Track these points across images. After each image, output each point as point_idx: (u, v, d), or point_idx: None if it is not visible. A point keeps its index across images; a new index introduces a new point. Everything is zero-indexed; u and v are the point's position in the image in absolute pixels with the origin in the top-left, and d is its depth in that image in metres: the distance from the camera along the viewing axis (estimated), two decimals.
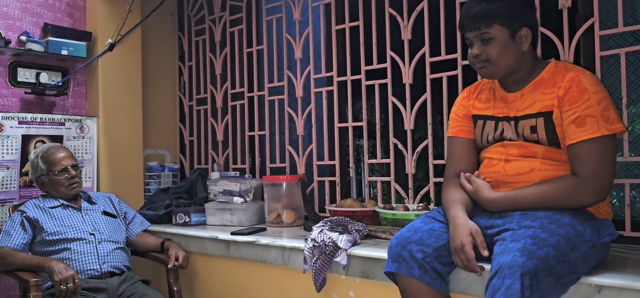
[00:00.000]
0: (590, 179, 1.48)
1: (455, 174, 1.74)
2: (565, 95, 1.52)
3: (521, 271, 1.30)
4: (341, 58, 2.87)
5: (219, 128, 3.41)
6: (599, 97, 1.49)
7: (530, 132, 1.59)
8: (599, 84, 1.53)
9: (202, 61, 3.53)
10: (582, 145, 1.49)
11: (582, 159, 1.49)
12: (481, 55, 1.60)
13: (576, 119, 1.50)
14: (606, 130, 1.47)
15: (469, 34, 1.62)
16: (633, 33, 2.08)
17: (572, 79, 1.53)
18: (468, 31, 1.61)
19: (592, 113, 1.48)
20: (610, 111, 1.49)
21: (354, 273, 1.97)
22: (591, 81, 1.52)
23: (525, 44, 1.59)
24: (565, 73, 1.56)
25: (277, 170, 3.13)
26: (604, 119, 1.48)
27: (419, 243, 1.58)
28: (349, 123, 2.81)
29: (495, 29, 1.56)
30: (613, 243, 1.74)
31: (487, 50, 1.59)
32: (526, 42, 1.59)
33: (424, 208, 2.27)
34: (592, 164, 1.48)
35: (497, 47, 1.57)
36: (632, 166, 2.13)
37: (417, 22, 2.55)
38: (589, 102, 1.49)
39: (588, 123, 1.48)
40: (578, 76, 1.53)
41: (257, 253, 2.31)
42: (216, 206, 2.81)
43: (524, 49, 1.59)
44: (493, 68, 1.60)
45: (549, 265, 1.34)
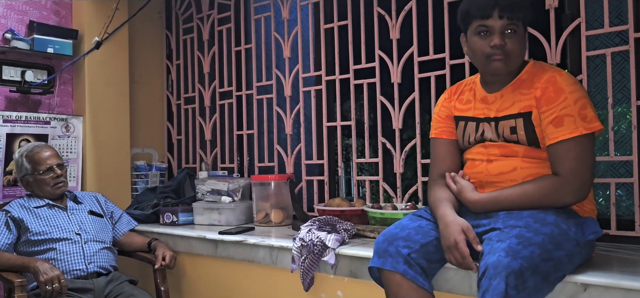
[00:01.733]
0: (570, 179, 1.49)
1: (440, 175, 1.75)
2: (543, 96, 1.54)
3: (506, 271, 1.31)
4: (330, 57, 2.86)
5: (207, 127, 3.39)
6: (576, 96, 1.51)
7: (510, 133, 1.60)
8: (576, 84, 1.54)
9: (190, 59, 3.50)
10: (561, 145, 1.50)
11: (562, 159, 1.50)
12: (506, 45, 1.54)
13: (554, 120, 1.51)
14: (584, 129, 1.48)
15: (494, 22, 1.54)
16: (619, 33, 2.10)
17: (548, 80, 1.54)
18: (498, 18, 1.53)
19: (569, 113, 1.49)
20: (587, 110, 1.50)
21: (342, 273, 1.97)
22: (567, 81, 1.53)
23: (526, 43, 1.63)
24: (542, 74, 1.57)
25: (265, 169, 3.12)
26: (581, 118, 1.49)
27: (406, 240, 1.58)
28: (337, 122, 2.81)
29: (520, 23, 1.57)
30: (599, 241, 1.75)
31: (509, 43, 1.55)
32: (526, 41, 1.62)
33: (412, 207, 2.27)
34: (571, 163, 1.49)
35: (519, 42, 1.57)
36: (618, 165, 2.15)
37: (406, 21, 2.56)
38: (566, 102, 1.50)
39: (566, 122, 1.49)
40: (554, 76, 1.54)
41: (245, 252, 2.29)
42: (204, 206, 2.80)
43: (526, 49, 1.62)
44: (512, 63, 1.58)
45: (534, 264, 1.35)
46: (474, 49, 1.61)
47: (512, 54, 1.56)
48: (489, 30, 1.56)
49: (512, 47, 1.55)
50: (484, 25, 1.56)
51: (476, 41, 1.59)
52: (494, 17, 1.54)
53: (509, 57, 1.56)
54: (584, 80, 2.06)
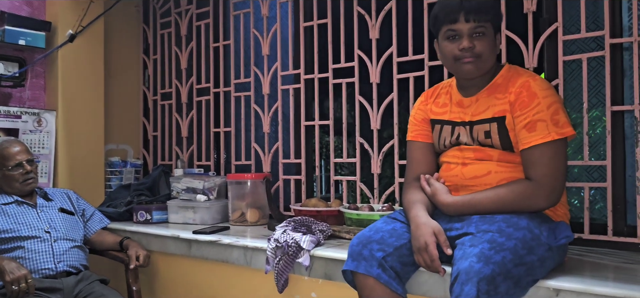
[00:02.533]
0: (543, 183, 1.49)
1: (415, 177, 1.75)
2: (516, 100, 1.54)
3: (478, 277, 1.30)
4: (309, 56, 2.84)
5: (184, 123, 3.34)
6: (549, 101, 1.51)
7: (484, 137, 1.60)
8: (549, 89, 1.54)
9: (167, 54, 3.44)
10: (534, 150, 1.50)
11: (534, 163, 1.51)
12: (474, 48, 1.56)
13: (527, 124, 1.51)
14: (556, 134, 1.49)
15: (461, 25, 1.56)
16: (595, 39, 2.11)
17: (522, 85, 1.54)
18: (463, 21, 1.55)
19: (542, 118, 1.50)
20: (560, 115, 1.51)
21: (317, 275, 1.95)
22: (541, 86, 1.53)
23: (499, 46, 1.63)
24: (516, 78, 1.58)
25: (242, 168, 3.09)
26: (553, 123, 1.49)
27: (380, 243, 1.57)
28: (315, 121, 2.78)
29: (488, 25, 1.57)
30: (572, 245, 1.77)
31: (478, 45, 1.56)
32: (499, 45, 1.63)
33: (389, 209, 2.26)
34: (543, 168, 1.49)
35: (489, 44, 1.57)
36: (592, 169, 2.17)
37: (385, 21, 2.54)
38: (539, 107, 1.50)
39: (538, 127, 1.50)
40: (528, 81, 1.54)
41: (219, 252, 2.26)
42: (179, 204, 2.75)
43: (497, 51, 1.63)
44: (482, 66, 1.58)
45: (506, 269, 1.34)
46: (445, 54, 1.62)
47: (481, 56, 1.56)
48: (458, 34, 1.57)
49: (481, 49, 1.56)
50: (452, 30, 1.57)
51: (446, 45, 1.60)
52: (461, 21, 1.55)
53: (478, 59, 1.57)
54: (560, 84, 2.07)
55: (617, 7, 2.03)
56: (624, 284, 1.42)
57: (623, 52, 2.03)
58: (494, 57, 1.61)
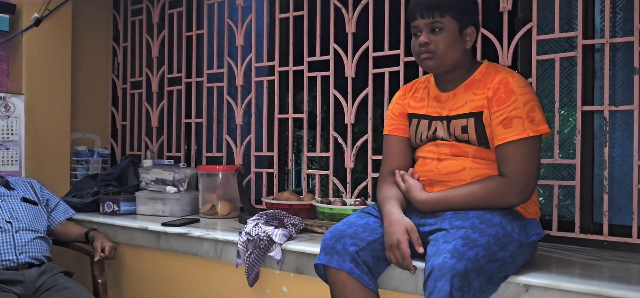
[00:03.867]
0: (515, 180, 1.50)
1: (390, 172, 1.74)
2: (494, 96, 1.55)
3: (451, 273, 1.30)
4: (284, 48, 2.80)
5: (154, 113, 3.26)
6: (526, 99, 1.52)
7: (461, 132, 1.61)
8: (527, 86, 1.55)
9: (138, 42, 3.36)
10: (509, 146, 1.51)
11: (508, 159, 1.52)
12: (429, 44, 1.58)
13: (503, 120, 1.52)
14: (531, 131, 1.50)
15: (418, 21, 1.59)
16: (568, 39, 2.14)
17: (500, 81, 1.55)
18: (420, 17, 1.58)
19: (518, 114, 1.51)
20: (535, 113, 1.52)
21: (288, 268, 1.93)
22: (519, 83, 1.54)
23: (469, 42, 1.61)
24: (495, 75, 1.58)
25: (213, 160, 3.04)
26: (529, 121, 1.51)
27: (353, 237, 1.56)
28: (289, 114, 2.75)
29: (447, 19, 1.56)
30: (541, 242, 1.78)
31: (435, 40, 1.57)
32: (470, 41, 1.61)
33: (361, 203, 2.26)
34: (517, 165, 1.50)
35: (446, 39, 1.57)
36: (561, 167, 2.20)
37: (362, 15, 2.53)
38: (516, 103, 1.51)
39: (514, 124, 1.51)
40: (506, 77, 1.55)
41: (189, 245, 2.22)
42: (147, 195, 2.69)
43: (467, 46, 1.61)
44: (439, 61, 1.59)
45: (479, 265, 1.35)
46: (412, 50, 1.65)
47: (437, 51, 1.57)
48: (418, 30, 1.60)
49: (437, 44, 1.57)
50: (414, 27, 1.61)
51: (412, 42, 1.64)
52: (418, 18, 1.58)
53: (435, 55, 1.58)
54: (533, 83, 2.10)
55: (590, 9, 2.06)
56: (590, 280, 1.45)
57: (594, 54, 2.07)
58: (455, 52, 1.59)
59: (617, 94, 2.14)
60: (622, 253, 1.87)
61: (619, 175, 2.12)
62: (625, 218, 2.02)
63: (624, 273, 1.57)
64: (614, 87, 2.12)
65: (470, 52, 1.65)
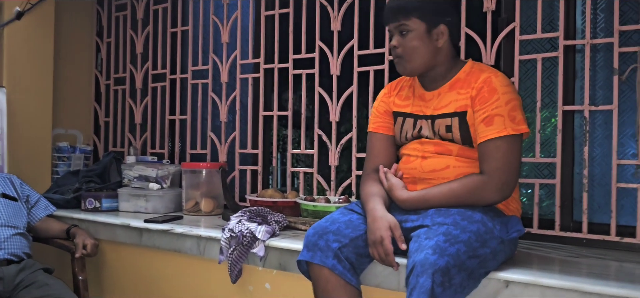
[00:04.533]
0: (494, 177, 1.52)
1: (374, 169, 1.75)
2: (477, 95, 1.56)
3: (433, 269, 1.31)
4: (269, 45, 2.80)
5: (138, 110, 3.24)
6: (508, 98, 1.54)
7: (445, 131, 1.62)
8: (510, 86, 1.57)
9: (122, 38, 3.33)
10: (490, 143, 1.53)
11: (489, 157, 1.53)
12: (398, 48, 1.62)
13: (485, 119, 1.54)
14: (512, 130, 1.52)
15: (389, 25, 1.64)
16: (550, 40, 2.17)
17: (484, 80, 1.56)
18: (389, 22, 1.64)
19: (500, 113, 1.52)
20: (517, 112, 1.54)
21: (271, 265, 1.92)
22: (502, 82, 1.56)
23: (441, 40, 1.61)
24: (479, 74, 1.59)
25: (197, 157, 3.02)
26: (510, 119, 1.52)
27: (336, 234, 1.56)
28: (274, 111, 2.75)
29: (413, 21, 1.59)
30: (522, 239, 1.81)
31: (404, 42, 1.61)
32: (442, 39, 1.61)
33: (345, 201, 2.26)
34: (496, 162, 1.52)
35: (412, 41, 1.60)
36: (542, 166, 2.23)
37: (348, 14, 2.54)
38: (498, 102, 1.53)
39: (495, 122, 1.52)
40: (490, 77, 1.57)
41: (172, 242, 2.20)
42: (130, 192, 2.67)
43: (439, 45, 1.62)
44: (409, 63, 1.63)
45: (460, 261, 1.36)
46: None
47: (404, 54, 1.62)
48: (391, 35, 1.66)
49: (405, 47, 1.61)
50: (389, 31, 1.66)
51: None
52: (388, 22, 1.64)
53: (402, 58, 1.63)
54: (516, 83, 2.12)
55: (572, 10, 2.09)
56: (568, 276, 1.47)
57: (576, 54, 2.09)
58: (425, 53, 1.60)
59: (598, 94, 2.17)
60: (601, 251, 1.90)
61: (598, 174, 2.15)
62: (604, 216, 2.05)
63: (602, 270, 1.59)
64: (594, 88, 2.15)
65: (447, 51, 1.64)
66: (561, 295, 1.40)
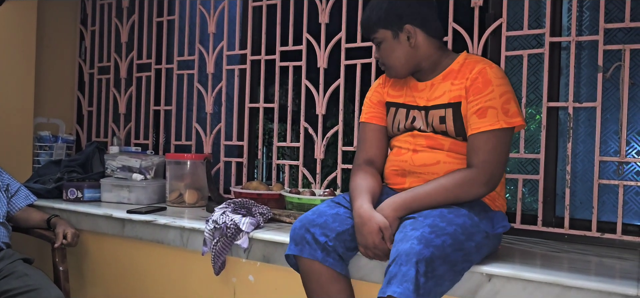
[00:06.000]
0: (482, 169, 1.51)
1: (365, 160, 1.73)
2: (472, 86, 1.56)
3: (417, 258, 1.30)
4: (256, 36, 2.78)
5: (122, 99, 3.20)
6: (502, 90, 1.53)
7: (439, 122, 1.61)
8: (504, 78, 1.57)
9: (107, 26, 3.29)
10: (481, 136, 1.52)
11: (478, 149, 1.53)
12: (379, 59, 1.70)
13: (478, 110, 1.53)
14: (505, 123, 1.52)
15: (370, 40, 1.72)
16: (536, 36, 2.18)
17: (479, 71, 1.56)
18: (365, 38, 1.72)
19: (493, 105, 1.52)
20: (510, 105, 1.53)
21: (255, 257, 1.91)
22: (496, 74, 1.56)
23: (413, 40, 1.63)
24: (474, 65, 1.59)
25: (182, 148, 2.99)
26: (503, 112, 1.52)
27: (323, 227, 1.55)
28: (260, 103, 2.73)
29: (379, 33, 1.65)
30: (505, 234, 1.82)
31: (380, 53, 1.69)
32: (414, 39, 1.62)
33: (330, 194, 2.25)
34: (485, 155, 1.51)
35: (386, 49, 1.66)
36: (526, 162, 2.25)
37: (335, 6, 2.52)
38: (492, 94, 1.53)
39: (489, 114, 1.52)
40: (485, 68, 1.56)
41: (155, 233, 2.18)
42: (113, 183, 2.63)
43: (412, 45, 1.63)
44: (391, 70, 1.69)
45: (445, 253, 1.36)
46: None
47: (385, 62, 1.68)
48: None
49: (383, 57, 1.68)
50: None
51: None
52: (365, 39, 1.76)
53: (385, 66, 1.70)
54: None
55: (558, 7, 2.10)
56: (549, 270, 1.48)
57: (561, 51, 2.11)
58: (401, 56, 1.64)
59: (582, 91, 2.19)
60: (582, 246, 1.92)
61: (581, 170, 2.17)
62: (586, 212, 2.07)
63: (582, 265, 1.61)
64: (578, 85, 2.17)
65: (427, 47, 1.64)
66: (542, 289, 1.41)
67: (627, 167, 2.06)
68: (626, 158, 1.94)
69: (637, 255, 1.80)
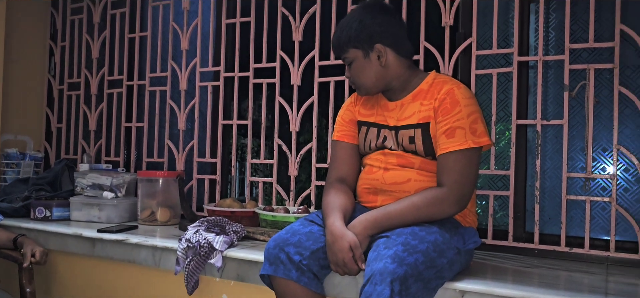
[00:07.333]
0: (453, 189, 1.53)
1: (337, 178, 1.74)
2: (440, 106, 1.59)
3: (391, 277, 1.31)
4: (230, 53, 2.78)
5: (92, 116, 3.15)
6: (470, 110, 1.57)
7: (408, 142, 1.63)
8: (472, 98, 1.60)
9: (77, 42, 3.24)
10: (450, 156, 1.55)
11: (448, 169, 1.55)
12: (350, 77, 1.72)
13: (447, 130, 1.56)
14: (472, 142, 1.54)
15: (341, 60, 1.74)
16: (504, 56, 2.24)
17: (447, 92, 1.59)
18: (336, 57, 1.73)
19: (461, 125, 1.55)
20: (478, 124, 1.57)
21: (229, 276, 1.89)
22: (464, 94, 1.59)
23: (384, 59, 1.65)
24: (442, 85, 1.62)
25: (154, 165, 2.95)
26: (471, 132, 1.55)
27: (297, 246, 1.55)
28: (234, 120, 2.73)
29: (350, 52, 1.67)
30: (477, 249, 1.84)
31: (351, 72, 1.70)
32: (384, 58, 1.65)
33: (304, 211, 2.25)
34: (455, 175, 1.54)
35: (356, 68, 1.68)
36: (496, 178, 2.29)
37: (309, 24, 2.54)
38: (460, 114, 1.56)
39: (457, 134, 1.55)
40: (453, 88, 1.59)
41: (126, 252, 2.14)
42: (83, 201, 2.58)
43: (383, 64, 1.65)
44: (363, 89, 1.71)
45: (418, 271, 1.37)
46: None
47: (355, 81, 1.71)
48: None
49: (353, 76, 1.70)
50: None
51: None
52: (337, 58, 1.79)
53: (356, 85, 1.72)
54: None
55: (526, 27, 2.16)
56: (521, 286, 1.50)
57: (529, 70, 2.17)
58: (372, 75, 1.66)
59: (549, 109, 2.25)
60: (552, 261, 1.96)
61: (549, 187, 2.22)
62: (555, 227, 2.12)
63: (552, 280, 1.64)
64: (546, 103, 2.23)
65: (397, 66, 1.66)
66: None
67: (594, 183, 2.12)
68: (592, 174, 2.00)
69: (603, 268, 1.85)
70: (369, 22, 1.63)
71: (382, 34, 1.64)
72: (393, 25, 1.67)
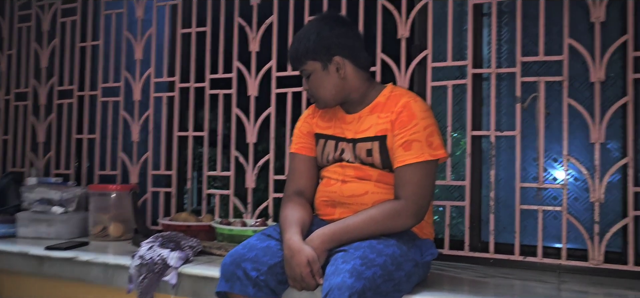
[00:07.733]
0: (411, 201, 1.54)
1: (295, 191, 1.73)
2: (397, 120, 1.59)
3: (349, 292, 1.31)
4: (185, 63, 2.72)
5: (41, 127, 3.03)
6: (426, 123, 1.58)
7: (366, 155, 1.63)
8: (428, 111, 1.62)
9: (25, 51, 3.12)
10: (407, 168, 1.56)
11: (405, 182, 1.56)
12: (308, 90, 1.70)
13: (404, 143, 1.57)
14: (429, 155, 1.56)
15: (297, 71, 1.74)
16: (459, 68, 2.28)
17: (404, 105, 1.60)
18: (294, 69, 1.74)
19: (418, 138, 1.56)
20: (434, 137, 1.58)
21: (184, 293, 1.84)
22: (421, 107, 1.60)
23: (342, 71, 1.65)
24: (399, 98, 1.63)
25: (107, 178, 2.86)
26: (428, 145, 1.56)
27: (254, 261, 1.52)
28: (189, 132, 2.67)
29: (308, 64, 1.66)
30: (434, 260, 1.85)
31: (309, 85, 1.69)
32: (343, 70, 1.65)
33: (262, 224, 2.22)
34: (413, 187, 1.55)
35: (315, 80, 1.67)
36: (453, 189, 2.32)
37: (266, 35, 2.52)
38: (417, 127, 1.57)
39: (413, 147, 1.56)
40: (409, 102, 1.61)
41: (76, 271, 2.05)
42: (30, 217, 2.47)
43: (342, 76, 1.65)
44: (321, 101, 1.70)
45: (376, 285, 1.37)
46: None
47: (313, 94, 1.70)
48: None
49: (311, 88, 1.69)
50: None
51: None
52: (294, 69, 1.75)
53: (314, 98, 1.71)
54: None
55: (479, 40, 2.21)
56: (477, 296, 1.53)
57: (483, 82, 2.21)
58: (331, 87, 1.65)
59: (502, 120, 2.30)
60: (507, 270, 2.00)
61: (503, 196, 2.27)
62: (509, 236, 2.16)
63: (507, 289, 1.67)
64: (499, 114, 2.28)
65: (355, 78, 1.66)
66: None
67: (545, 192, 2.18)
68: (544, 184, 2.05)
69: (556, 276, 1.90)
70: (327, 34, 1.63)
71: (340, 46, 1.64)
72: (351, 37, 1.67)
